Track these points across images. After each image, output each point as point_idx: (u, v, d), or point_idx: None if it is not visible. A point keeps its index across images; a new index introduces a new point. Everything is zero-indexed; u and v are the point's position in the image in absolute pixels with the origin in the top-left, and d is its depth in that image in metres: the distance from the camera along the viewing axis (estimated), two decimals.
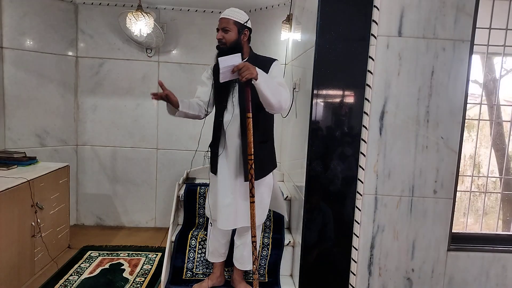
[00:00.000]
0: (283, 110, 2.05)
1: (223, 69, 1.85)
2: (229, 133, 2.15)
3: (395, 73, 2.09)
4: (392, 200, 2.17)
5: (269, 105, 1.94)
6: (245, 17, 2.10)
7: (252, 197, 1.98)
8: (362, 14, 2.04)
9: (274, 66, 2.12)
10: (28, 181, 2.48)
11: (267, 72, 2.07)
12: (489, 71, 2.84)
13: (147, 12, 3.20)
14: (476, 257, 2.25)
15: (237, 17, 2.06)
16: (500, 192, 2.56)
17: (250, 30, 2.13)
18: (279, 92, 1.95)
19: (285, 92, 2.01)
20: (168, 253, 2.50)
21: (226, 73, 1.87)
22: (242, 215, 2.18)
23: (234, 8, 2.11)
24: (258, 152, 2.03)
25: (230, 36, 2.05)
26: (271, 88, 1.91)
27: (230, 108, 2.13)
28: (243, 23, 2.07)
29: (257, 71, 1.84)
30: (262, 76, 1.86)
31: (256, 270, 2.06)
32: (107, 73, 3.64)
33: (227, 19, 2.05)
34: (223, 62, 1.84)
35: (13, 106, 3.21)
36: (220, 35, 2.06)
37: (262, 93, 1.87)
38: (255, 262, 2.05)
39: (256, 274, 2.07)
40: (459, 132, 2.13)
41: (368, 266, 2.22)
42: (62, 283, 2.61)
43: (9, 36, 3.14)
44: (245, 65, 1.81)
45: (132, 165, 3.76)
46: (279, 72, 2.13)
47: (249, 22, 2.12)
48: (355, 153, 2.13)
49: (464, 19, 2.05)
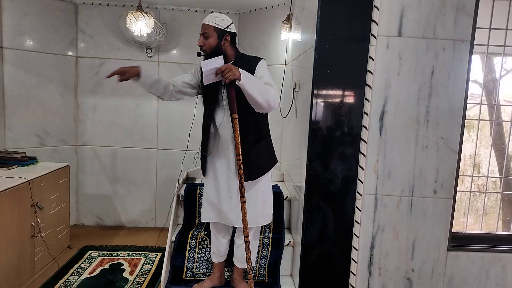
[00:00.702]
0: (272, 109, 2.06)
1: (207, 72, 1.89)
2: (222, 136, 2.17)
3: (395, 73, 2.09)
4: (392, 200, 2.17)
5: (257, 104, 1.96)
6: (226, 22, 2.09)
7: (243, 197, 2.00)
8: (362, 14, 2.04)
9: (260, 65, 2.13)
10: (28, 181, 2.48)
11: (254, 71, 2.08)
12: (489, 71, 2.84)
13: (147, 12, 3.20)
14: (476, 257, 2.25)
15: (217, 23, 2.07)
16: (500, 192, 2.56)
17: (232, 34, 2.13)
18: (266, 90, 1.96)
19: (272, 90, 2.02)
20: (168, 253, 2.50)
21: (210, 75, 1.91)
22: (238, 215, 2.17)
23: (216, 13, 2.12)
24: (253, 152, 2.05)
25: (210, 42, 2.07)
26: (257, 87, 1.92)
27: (221, 113, 2.15)
28: (223, 29, 2.07)
29: (240, 72, 1.86)
30: (245, 76, 1.88)
31: (251, 270, 2.07)
32: (107, 73, 3.61)
33: (207, 25, 2.07)
34: (206, 66, 1.89)
35: (13, 106, 3.21)
36: (201, 41, 2.08)
37: (247, 92, 1.89)
38: (249, 262, 2.06)
39: (250, 274, 2.08)
40: (459, 132, 2.13)
41: (368, 266, 2.22)
42: (62, 283, 2.61)
43: (9, 36, 3.14)
44: (228, 67, 1.84)
45: (132, 165, 3.76)
46: (265, 71, 2.13)
47: (232, 26, 2.12)
48: (355, 153, 2.13)
49: (464, 19, 2.05)
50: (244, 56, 2.21)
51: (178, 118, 3.71)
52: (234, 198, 2.18)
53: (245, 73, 1.90)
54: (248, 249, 2.05)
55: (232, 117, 1.95)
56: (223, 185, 2.22)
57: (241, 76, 1.86)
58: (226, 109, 2.13)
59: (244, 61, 2.13)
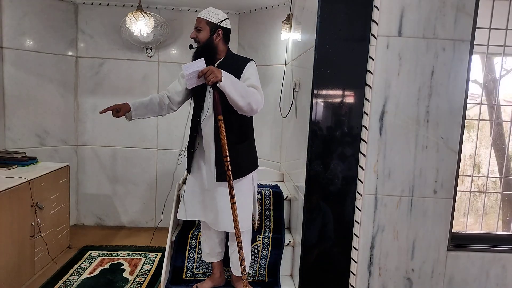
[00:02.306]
0: (255, 112, 2.04)
1: (189, 75, 1.89)
2: (205, 134, 2.18)
3: (395, 73, 2.09)
4: (392, 200, 2.17)
5: (238, 107, 1.96)
6: (219, 17, 2.12)
7: (232, 198, 1.98)
8: (362, 14, 2.04)
9: (249, 66, 2.12)
10: (28, 181, 2.48)
11: (241, 72, 2.08)
12: (489, 71, 2.84)
13: (147, 12, 3.20)
14: (476, 257, 2.25)
15: (210, 17, 2.10)
16: (500, 192, 2.56)
17: (225, 30, 2.14)
18: (249, 93, 1.96)
19: (257, 94, 2.01)
20: (168, 253, 2.50)
21: (192, 79, 1.91)
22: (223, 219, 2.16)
23: (211, 8, 2.14)
24: (233, 153, 2.00)
25: (202, 35, 2.10)
26: (239, 89, 1.92)
27: (206, 109, 2.15)
28: (216, 23, 2.10)
29: (222, 73, 1.85)
30: (227, 79, 1.87)
31: (244, 270, 2.08)
32: (107, 73, 3.64)
33: (200, 19, 2.11)
34: (186, 69, 1.89)
35: (13, 106, 3.21)
36: (193, 33, 2.12)
37: (228, 95, 1.90)
38: (243, 262, 2.06)
39: (244, 274, 2.08)
40: (459, 132, 2.13)
41: (368, 266, 2.22)
42: (62, 283, 2.61)
43: (9, 36, 3.14)
44: (209, 69, 1.85)
45: (132, 165, 3.76)
46: (254, 73, 2.12)
47: (226, 22, 2.14)
48: (355, 153, 2.13)
49: (464, 19, 2.05)
50: (234, 56, 2.23)
51: (178, 118, 3.69)
52: (217, 199, 2.17)
53: (228, 75, 1.89)
54: (241, 250, 2.04)
55: (217, 118, 1.94)
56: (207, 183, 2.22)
57: (223, 78, 1.85)
58: (209, 109, 2.13)
59: (233, 60, 2.15)
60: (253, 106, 1.98)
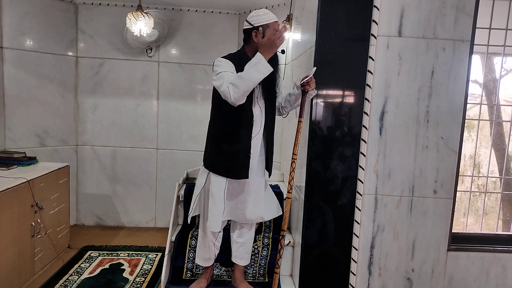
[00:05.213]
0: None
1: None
2: (254, 133, 2.15)
3: (395, 73, 2.09)
4: (392, 200, 2.17)
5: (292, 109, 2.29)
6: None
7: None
8: (362, 14, 2.04)
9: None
10: (28, 181, 2.48)
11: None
12: (489, 71, 2.84)
13: (146, 12, 3.20)
14: (476, 257, 2.25)
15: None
16: (500, 192, 2.56)
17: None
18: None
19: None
20: (168, 253, 2.50)
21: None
22: (259, 209, 2.29)
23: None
24: (271, 149, 2.27)
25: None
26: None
27: (256, 108, 2.15)
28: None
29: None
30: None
31: (278, 265, 2.16)
32: (107, 73, 3.64)
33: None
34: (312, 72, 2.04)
35: (13, 106, 3.21)
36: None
37: (306, 101, 2.08)
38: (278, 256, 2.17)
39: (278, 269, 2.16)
40: (459, 132, 2.13)
41: (368, 266, 2.22)
42: (62, 283, 2.61)
43: (9, 36, 3.14)
44: (312, 79, 2.02)
45: (132, 165, 3.76)
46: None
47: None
48: (355, 153, 2.13)
49: (464, 19, 2.05)
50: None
51: (178, 118, 3.71)
52: (259, 194, 2.27)
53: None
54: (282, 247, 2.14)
55: (299, 120, 2.09)
56: (253, 183, 2.22)
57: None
58: (261, 107, 2.17)
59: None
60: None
